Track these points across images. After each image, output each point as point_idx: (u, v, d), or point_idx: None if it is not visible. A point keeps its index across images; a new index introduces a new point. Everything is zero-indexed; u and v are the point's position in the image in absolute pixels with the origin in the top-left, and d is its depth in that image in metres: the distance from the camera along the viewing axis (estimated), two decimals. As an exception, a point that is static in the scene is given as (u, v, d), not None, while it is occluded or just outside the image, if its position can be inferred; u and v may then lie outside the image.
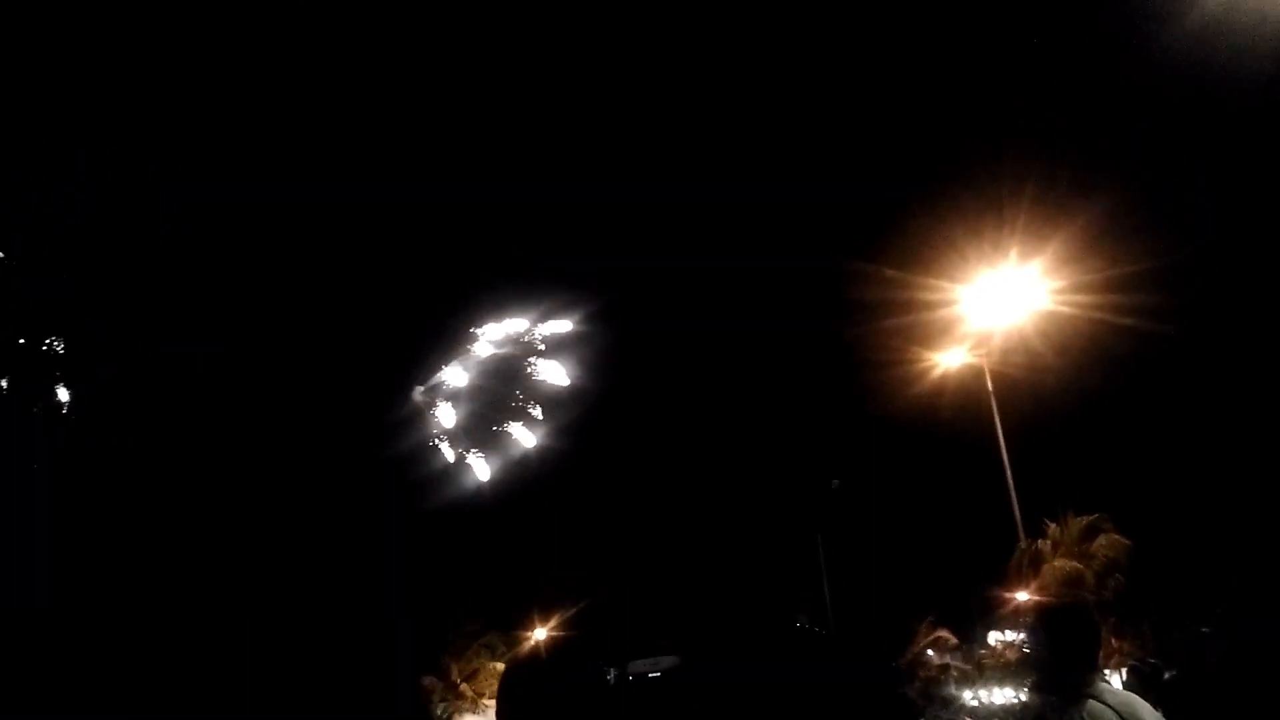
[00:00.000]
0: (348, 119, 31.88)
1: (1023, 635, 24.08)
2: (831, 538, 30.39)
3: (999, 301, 21.05)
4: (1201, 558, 21.40)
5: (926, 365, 24.14)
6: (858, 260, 27.98)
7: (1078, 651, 3.80)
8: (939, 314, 22.22)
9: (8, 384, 26.73)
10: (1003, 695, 25.33)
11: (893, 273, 24.42)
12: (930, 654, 28.24)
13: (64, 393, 27.33)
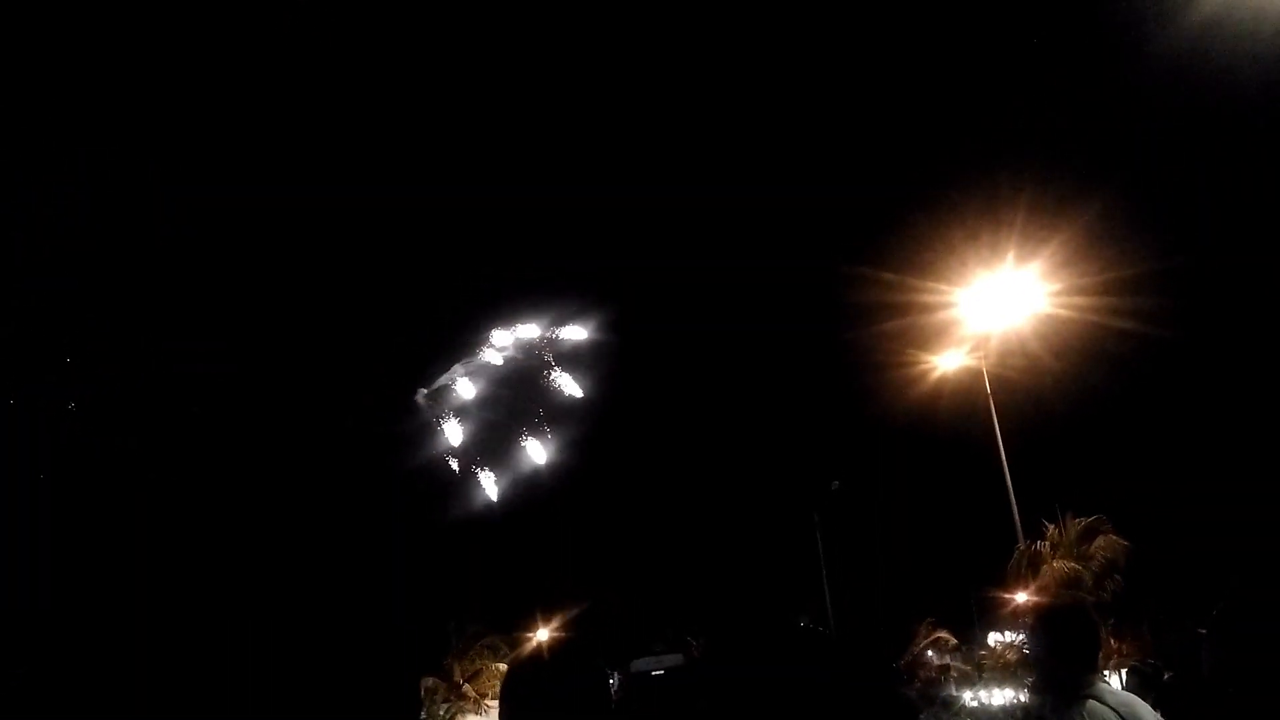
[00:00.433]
0: (355, 121, 31.93)
1: (1022, 636, 24.13)
2: (831, 539, 30.42)
3: (997, 304, 21.09)
4: (1199, 559, 21.46)
5: (925, 368, 24.18)
6: (856, 263, 28.06)
7: (1077, 652, 3.83)
8: (937, 316, 22.27)
9: (9, 384, 26.75)
10: (1002, 696, 25.38)
11: (891, 275, 24.47)
12: (930, 655, 28.27)
13: (66, 393, 27.36)
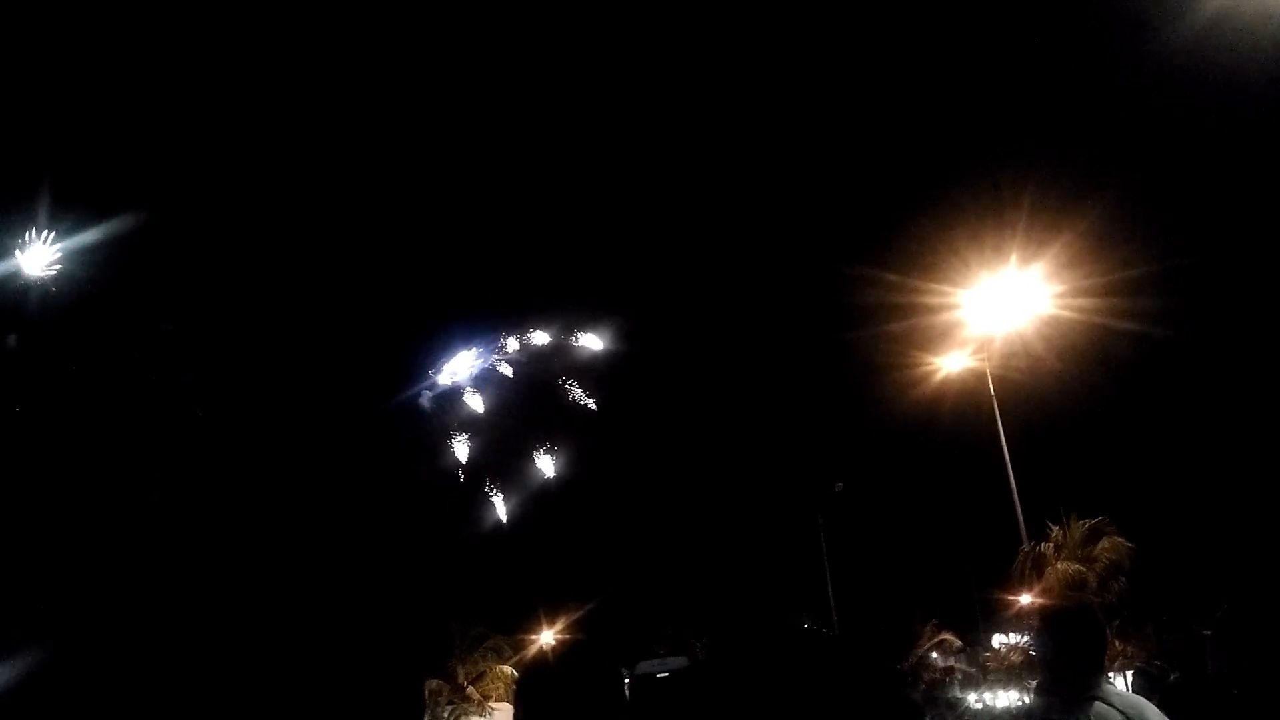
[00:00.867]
0: (366, 122, 31.99)
1: (1027, 638, 24.14)
2: (835, 541, 30.42)
3: (1000, 306, 21.09)
4: (1203, 560, 21.46)
5: (929, 369, 24.17)
6: (860, 265, 28.08)
7: (1084, 654, 3.84)
8: (941, 318, 22.26)
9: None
10: (1007, 698, 25.38)
11: (894, 277, 24.48)
12: (934, 656, 28.30)
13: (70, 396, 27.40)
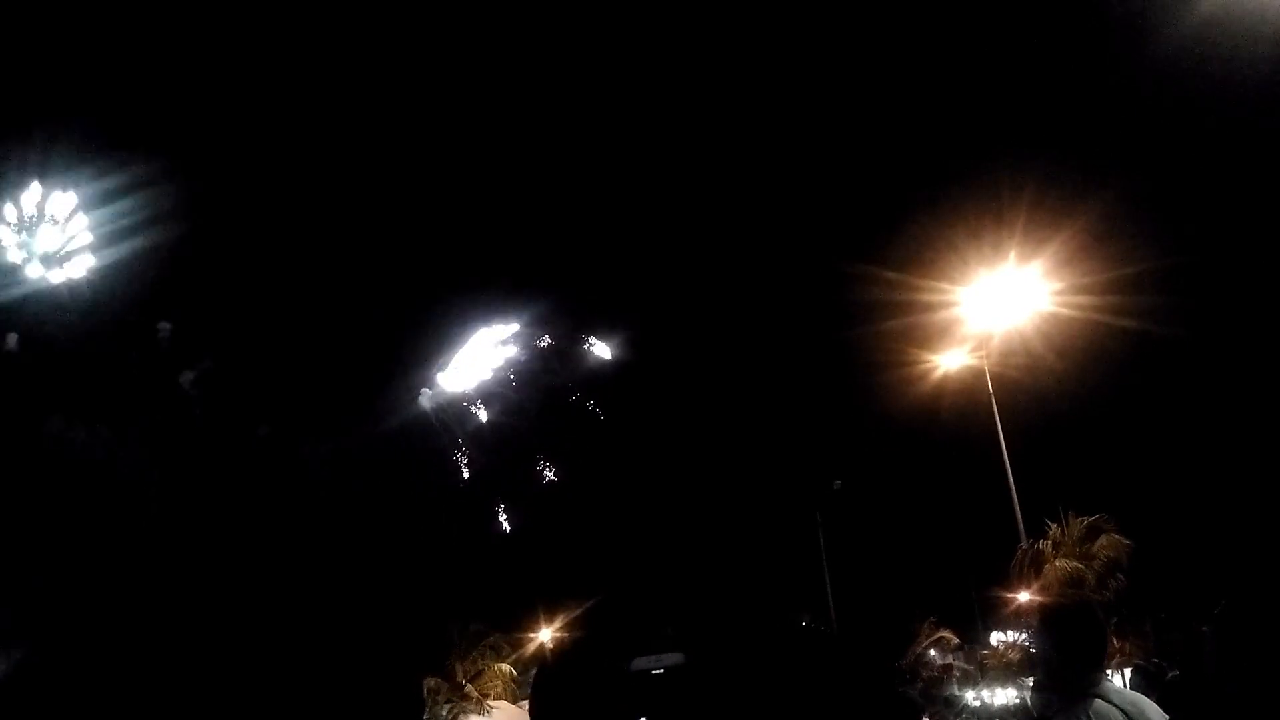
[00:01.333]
0: (360, 122, 31.96)
1: (1025, 635, 24.14)
2: (834, 539, 30.44)
3: (999, 303, 21.09)
4: (1202, 557, 21.46)
5: (927, 367, 24.18)
6: (858, 262, 28.08)
7: (1084, 651, 3.82)
8: (939, 315, 22.28)
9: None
10: (1005, 696, 25.38)
11: (893, 274, 24.49)
12: (933, 654, 28.29)
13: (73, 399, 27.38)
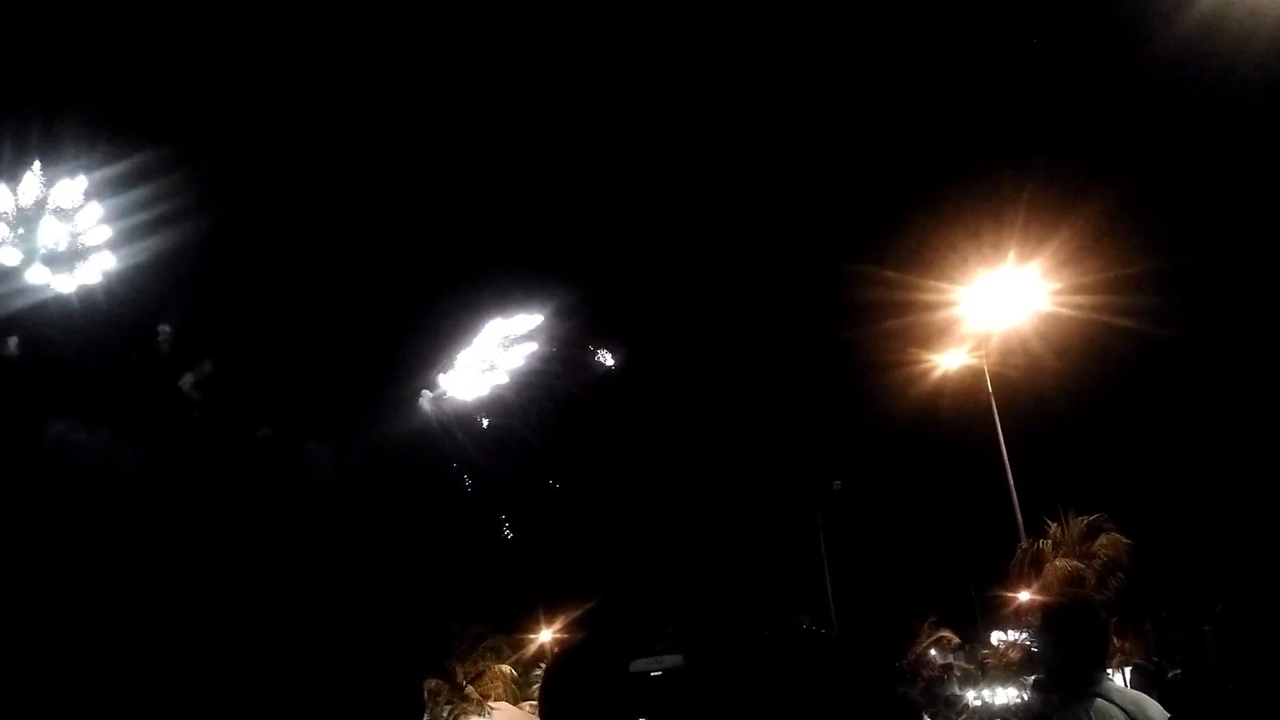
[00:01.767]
0: (355, 120, 31.95)
1: (1025, 635, 24.15)
2: (833, 539, 30.45)
3: (998, 303, 21.12)
4: (1202, 556, 21.47)
5: (926, 367, 24.19)
6: (857, 262, 28.09)
7: (1085, 650, 3.83)
8: (939, 315, 22.30)
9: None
10: (1005, 695, 25.39)
11: (892, 274, 24.51)
12: (933, 654, 28.30)
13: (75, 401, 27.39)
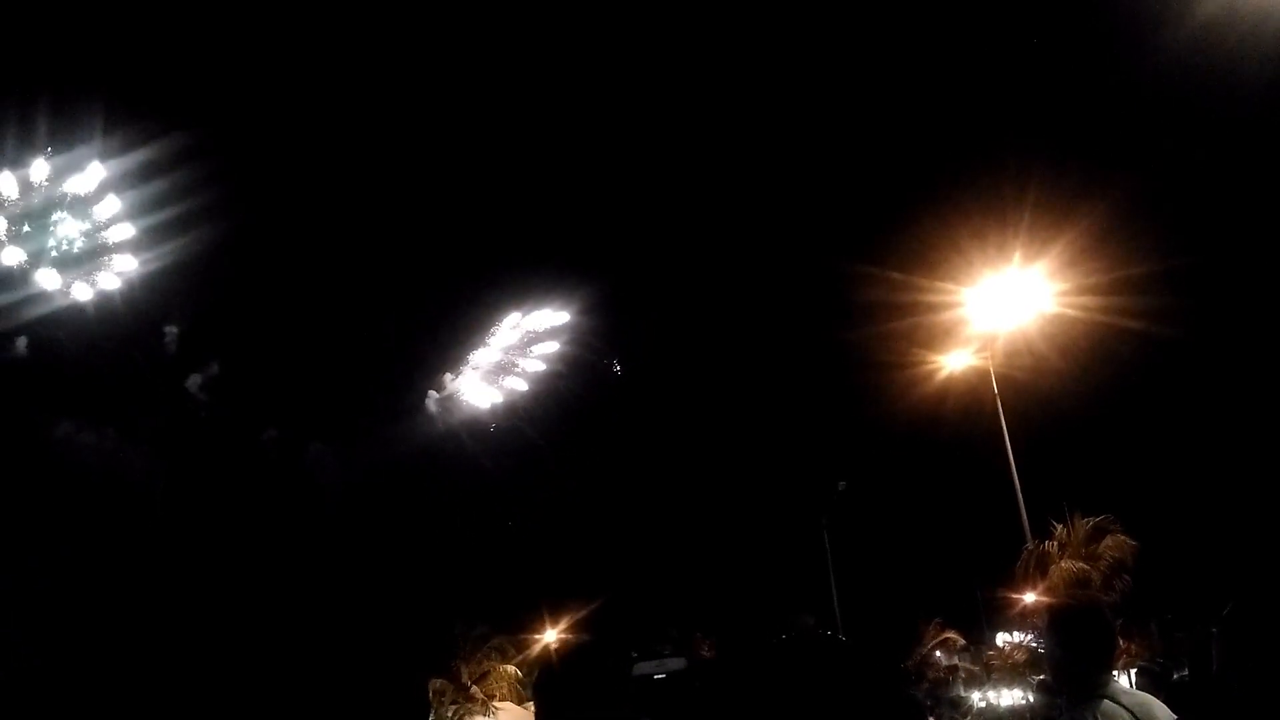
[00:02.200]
0: (356, 119, 32.00)
1: (1030, 636, 24.12)
2: (838, 539, 30.42)
3: (1003, 304, 21.09)
4: (1208, 558, 21.43)
5: (932, 368, 24.17)
6: (862, 263, 28.07)
7: (1092, 652, 3.84)
8: (944, 316, 22.26)
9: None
10: (1011, 696, 25.36)
11: (897, 275, 24.50)
12: (938, 655, 28.28)
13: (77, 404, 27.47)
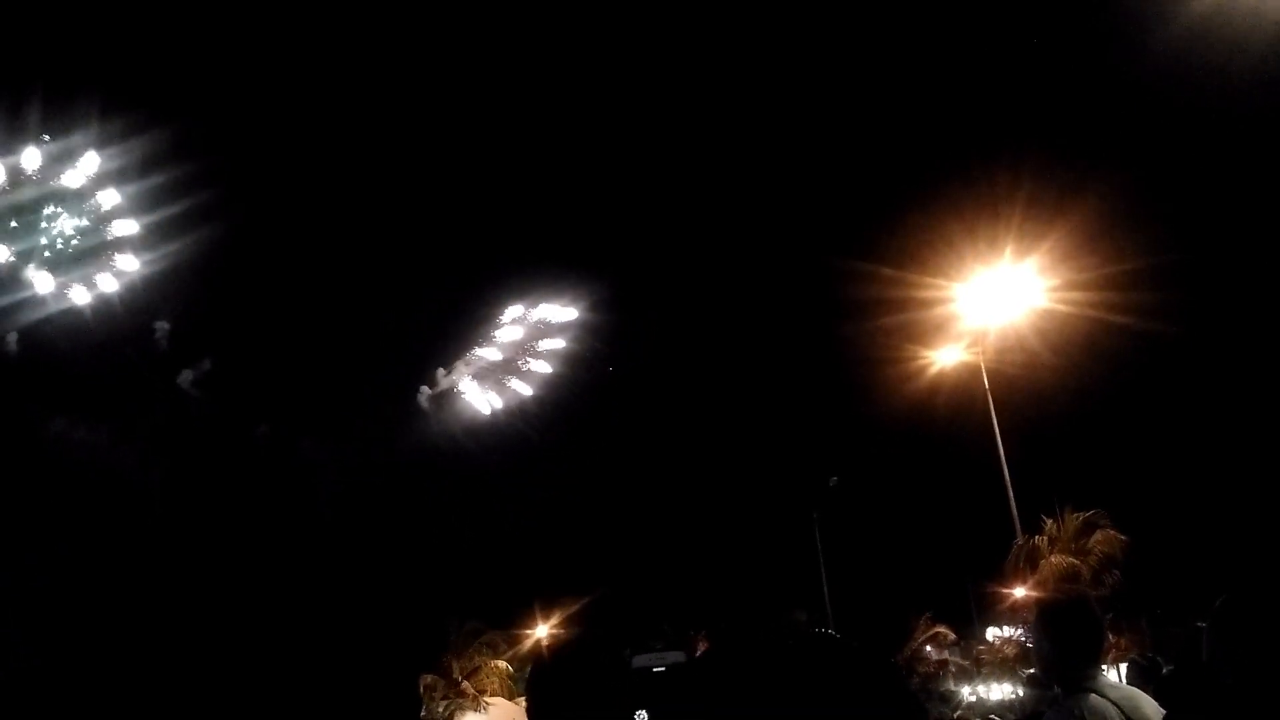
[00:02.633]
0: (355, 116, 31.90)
1: (1020, 631, 24.20)
2: (829, 534, 30.46)
3: (995, 299, 21.11)
4: (1198, 553, 21.53)
5: (923, 363, 24.19)
6: (853, 258, 28.10)
7: (1080, 646, 3.84)
8: (935, 312, 22.28)
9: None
10: (1001, 690, 25.47)
11: (888, 270, 24.50)
12: (928, 649, 28.35)
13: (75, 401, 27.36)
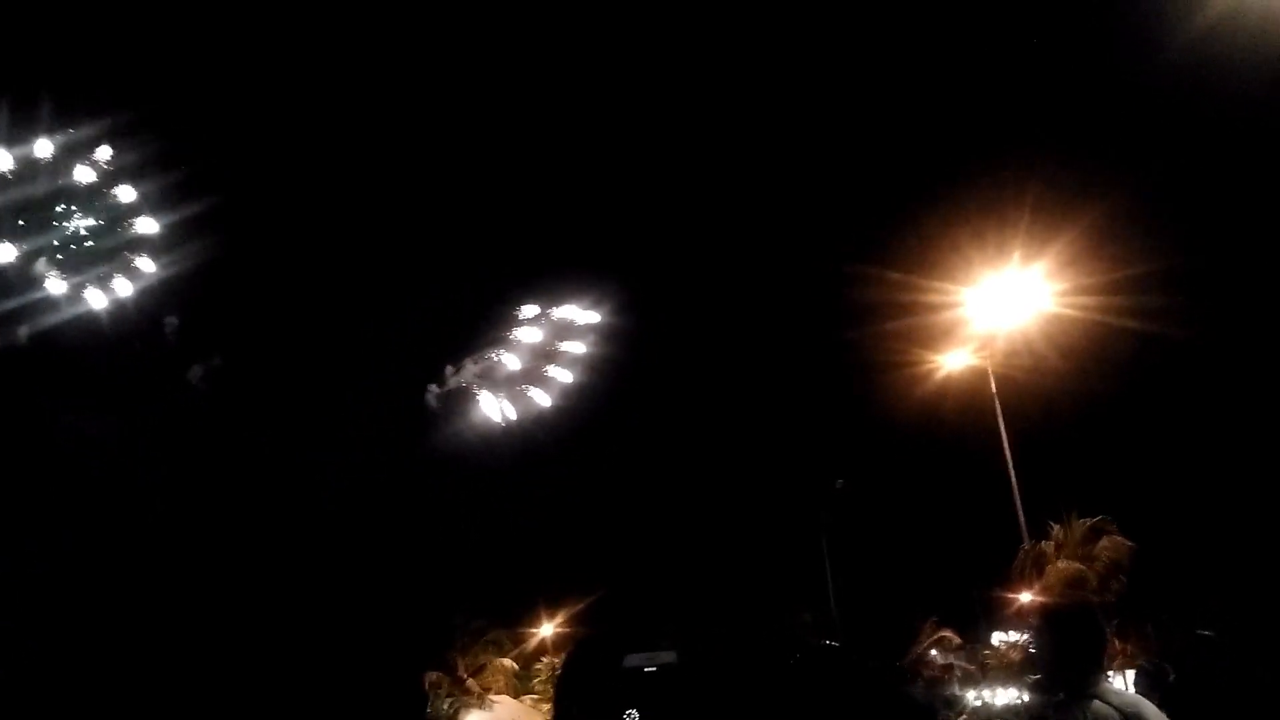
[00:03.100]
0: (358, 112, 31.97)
1: (1026, 636, 24.16)
2: (836, 538, 30.45)
3: (1003, 303, 21.11)
4: (1205, 560, 21.48)
5: (930, 367, 24.20)
6: (861, 262, 28.06)
7: (1082, 652, 3.85)
8: (943, 316, 22.30)
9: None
10: (1006, 696, 25.38)
11: (897, 275, 24.51)
12: (934, 654, 28.26)
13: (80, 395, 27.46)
